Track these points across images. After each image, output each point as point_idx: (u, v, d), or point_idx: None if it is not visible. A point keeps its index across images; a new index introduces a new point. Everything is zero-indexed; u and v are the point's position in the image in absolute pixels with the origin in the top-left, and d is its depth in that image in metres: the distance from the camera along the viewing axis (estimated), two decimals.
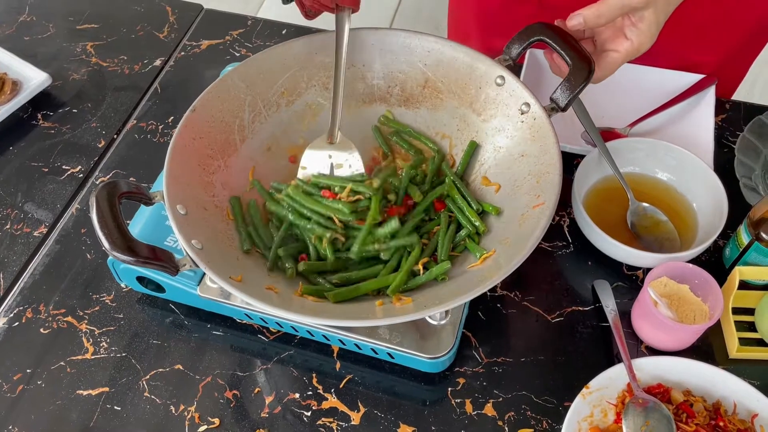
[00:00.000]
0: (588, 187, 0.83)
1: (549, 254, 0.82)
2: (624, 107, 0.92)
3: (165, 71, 1.04)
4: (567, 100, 0.68)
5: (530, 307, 0.78)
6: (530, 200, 0.66)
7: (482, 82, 0.75)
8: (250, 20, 1.09)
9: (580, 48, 0.68)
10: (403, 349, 0.68)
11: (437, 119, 0.79)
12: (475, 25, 1.04)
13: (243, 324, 0.78)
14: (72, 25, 1.11)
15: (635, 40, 0.66)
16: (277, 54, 0.77)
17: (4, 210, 0.89)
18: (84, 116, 0.99)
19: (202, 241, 0.63)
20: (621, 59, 0.68)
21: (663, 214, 0.80)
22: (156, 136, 0.96)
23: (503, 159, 0.73)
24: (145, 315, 0.79)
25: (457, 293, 0.59)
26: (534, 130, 0.70)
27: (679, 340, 0.73)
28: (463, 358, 0.74)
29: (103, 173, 0.92)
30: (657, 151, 0.83)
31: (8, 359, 0.76)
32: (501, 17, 0.88)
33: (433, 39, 0.77)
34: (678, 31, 0.71)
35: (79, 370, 0.75)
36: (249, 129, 0.76)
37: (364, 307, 0.65)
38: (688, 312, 0.73)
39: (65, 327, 0.78)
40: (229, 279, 0.60)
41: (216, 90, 0.73)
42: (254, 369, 0.75)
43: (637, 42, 0.66)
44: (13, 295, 0.81)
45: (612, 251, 0.77)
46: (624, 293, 0.79)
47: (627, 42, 0.67)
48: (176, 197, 0.64)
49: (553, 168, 0.65)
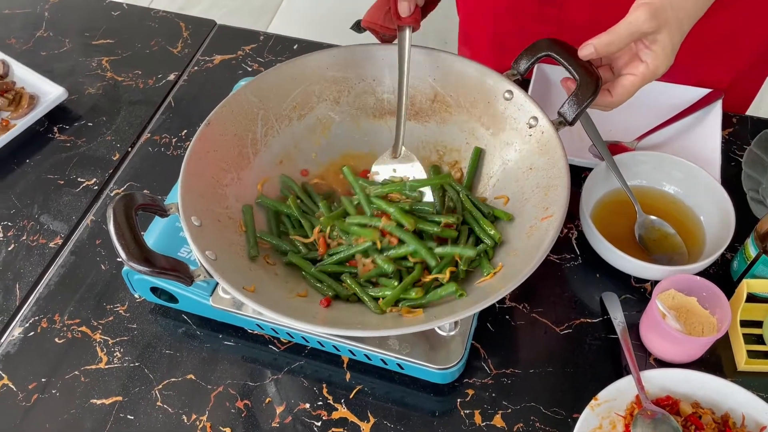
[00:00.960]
0: (596, 200, 0.84)
1: (557, 266, 0.82)
2: (631, 121, 0.92)
3: (179, 85, 1.06)
4: (574, 114, 0.69)
5: (539, 318, 0.79)
6: (538, 213, 0.67)
7: (491, 96, 0.76)
8: (262, 36, 1.11)
9: (588, 63, 0.69)
10: (413, 360, 0.69)
11: (446, 133, 0.80)
12: (489, 46, 1.05)
13: (254, 334, 0.79)
14: (87, 41, 1.13)
15: (651, 62, 0.66)
16: (289, 69, 0.78)
17: (21, 221, 0.90)
18: (99, 130, 1.01)
19: (216, 252, 0.64)
20: (638, 82, 0.67)
21: (670, 227, 0.81)
22: (170, 149, 0.98)
23: (512, 172, 0.74)
24: (158, 325, 0.80)
25: (467, 305, 0.60)
26: (542, 143, 0.71)
27: (687, 352, 0.73)
28: (472, 369, 0.75)
29: (118, 186, 0.94)
30: (664, 164, 0.83)
31: (23, 368, 0.77)
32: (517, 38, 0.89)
33: (443, 54, 0.78)
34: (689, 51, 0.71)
35: (92, 380, 0.76)
36: (262, 142, 0.78)
37: (375, 317, 0.65)
38: (696, 324, 0.73)
39: (80, 337, 0.80)
40: (242, 289, 0.61)
41: (229, 104, 0.75)
42: (265, 379, 0.76)
43: (653, 65, 0.66)
44: (28, 305, 0.82)
45: (620, 264, 0.78)
46: (632, 305, 0.79)
47: (643, 65, 0.67)
48: (191, 209, 0.66)
49: (561, 181, 0.66)
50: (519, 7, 0.96)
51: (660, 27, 0.64)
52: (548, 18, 0.94)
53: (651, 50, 0.66)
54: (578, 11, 0.91)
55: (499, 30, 1.01)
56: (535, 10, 0.94)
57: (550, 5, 0.92)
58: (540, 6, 0.93)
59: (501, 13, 0.98)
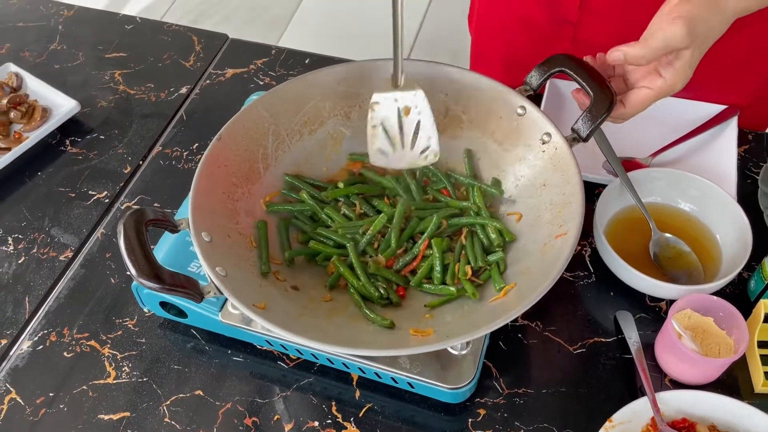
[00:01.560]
0: (609, 217, 0.83)
1: (570, 284, 0.81)
2: (645, 137, 0.92)
3: (190, 99, 1.06)
4: (588, 131, 0.68)
5: (552, 337, 0.77)
6: (552, 230, 0.66)
7: (503, 112, 0.76)
8: (274, 50, 1.12)
9: (602, 79, 0.69)
10: (424, 379, 0.68)
11: (458, 148, 0.80)
12: (502, 64, 1.04)
13: (263, 350, 0.78)
14: (101, 54, 1.13)
15: (669, 78, 0.65)
16: (300, 84, 0.78)
17: (32, 234, 0.90)
18: (111, 143, 1.01)
19: (227, 268, 0.64)
20: (653, 96, 0.66)
21: (686, 245, 0.80)
22: (181, 162, 0.98)
23: (525, 188, 0.74)
24: (167, 340, 0.80)
25: (480, 324, 0.59)
26: (555, 159, 0.70)
27: (703, 373, 0.72)
28: (484, 388, 0.74)
29: (129, 199, 0.94)
30: (679, 181, 0.82)
31: (32, 382, 0.77)
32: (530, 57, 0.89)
33: (454, 69, 0.78)
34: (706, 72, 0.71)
35: (100, 395, 0.76)
36: (272, 157, 0.77)
37: (386, 336, 0.65)
38: (713, 345, 0.72)
39: (88, 351, 0.79)
40: (253, 306, 0.61)
41: (241, 119, 0.74)
42: (274, 396, 0.75)
43: (671, 81, 0.65)
44: (38, 319, 0.82)
45: (635, 282, 0.77)
46: (647, 325, 0.78)
47: (660, 80, 0.66)
48: (201, 224, 0.65)
49: (576, 198, 0.65)
50: (532, 26, 0.95)
51: (690, 44, 0.62)
52: (563, 36, 0.93)
53: (672, 66, 0.65)
54: (595, 30, 0.90)
55: (512, 48, 1.00)
56: (548, 28, 0.94)
57: (565, 24, 0.92)
58: (555, 24, 0.93)
59: (513, 31, 0.98)
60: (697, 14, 0.62)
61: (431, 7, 2.46)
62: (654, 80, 0.66)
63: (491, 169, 0.77)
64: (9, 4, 1.23)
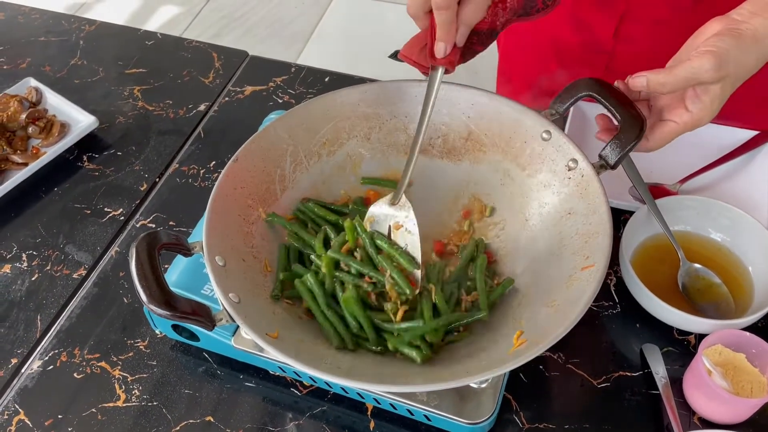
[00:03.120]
0: (636, 245, 0.80)
1: (595, 315, 0.78)
2: (674, 163, 0.89)
3: (209, 116, 1.05)
4: (617, 158, 0.66)
5: (575, 370, 0.74)
6: (579, 261, 0.64)
7: (528, 136, 0.73)
8: (294, 67, 1.11)
9: (632, 105, 0.66)
10: (441, 413, 0.65)
11: (480, 173, 0.78)
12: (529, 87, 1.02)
13: (276, 376, 0.76)
14: (121, 69, 1.13)
15: (696, 113, 0.62)
16: (320, 105, 0.76)
17: (46, 251, 0.90)
18: (128, 159, 1.00)
19: (240, 294, 0.62)
20: (679, 131, 0.64)
21: (716, 276, 0.77)
22: (197, 180, 0.97)
23: (549, 216, 0.71)
24: (178, 363, 0.78)
25: (502, 361, 0.56)
26: (582, 187, 0.68)
27: (735, 413, 0.69)
28: (504, 422, 0.71)
29: (144, 216, 0.93)
30: (710, 209, 0.79)
31: (41, 404, 0.75)
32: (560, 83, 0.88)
33: (477, 91, 0.76)
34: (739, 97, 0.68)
35: (109, 418, 0.74)
36: (290, 179, 0.76)
37: (403, 370, 0.62)
38: (745, 383, 0.68)
39: (98, 372, 0.78)
40: (266, 336, 0.59)
41: (259, 140, 0.73)
42: (286, 424, 0.73)
43: (698, 116, 0.62)
44: (49, 338, 0.81)
45: (662, 314, 0.74)
46: (675, 359, 0.75)
47: (687, 114, 0.63)
48: (215, 248, 0.64)
49: (603, 228, 0.63)
50: (564, 50, 0.93)
51: (719, 80, 0.60)
52: (595, 64, 0.91)
53: (700, 100, 0.62)
54: (629, 61, 0.88)
55: (542, 71, 0.98)
56: (581, 54, 0.91)
57: (599, 52, 0.89)
58: (588, 52, 0.90)
59: (544, 54, 0.96)
60: (730, 51, 0.59)
61: None
62: (680, 114, 0.63)
63: (514, 195, 0.75)
64: (31, 18, 1.23)
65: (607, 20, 0.87)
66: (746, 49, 0.59)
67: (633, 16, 0.85)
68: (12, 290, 0.86)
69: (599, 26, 0.88)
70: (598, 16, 0.88)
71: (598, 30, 0.88)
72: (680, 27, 0.75)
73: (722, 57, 0.58)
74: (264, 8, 2.69)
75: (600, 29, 0.87)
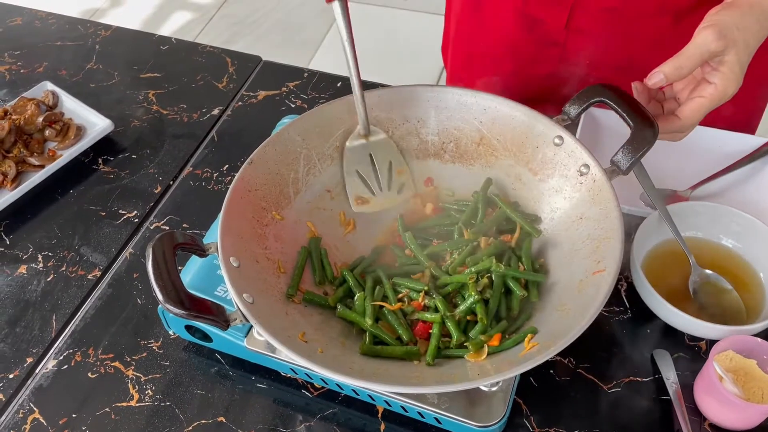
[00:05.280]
0: (647, 251, 0.80)
1: (605, 320, 0.79)
2: (685, 169, 0.89)
3: (222, 120, 1.06)
4: (629, 163, 0.66)
5: (585, 375, 0.75)
6: (590, 266, 0.64)
7: (539, 141, 0.74)
8: (306, 73, 1.12)
9: (643, 110, 0.67)
10: (451, 416, 0.66)
11: (491, 177, 0.78)
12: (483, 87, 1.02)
13: (287, 378, 0.77)
14: (136, 74, 1.15)
15: (719, 83, 0.64)
16: (333, 109, 0.77)
17: (61, 252, 0.91)
18: (143, 162, 1.01)
19: (254, 294, 0.63)
20: (707, 104, 0.65)
21: (727, 282, 0.77)
22: (210, 183, 0.98)
23: (561, 220, 0.72)
24: (191, 363, 0.79)
25: (512, 363, 0.57)
26: (594, 192, 0.68)
27: (746, 419, 0.68)
28: (514, 426, 0.71)
29: (158, 219, 0.94)
30: (721, 216, 0.79)
31: (55, 403, 0.76)
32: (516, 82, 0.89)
33: (490, 97, 0.76)
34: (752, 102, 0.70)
35: (123, 418, 0.75)
36: (303, 182, 0.76)
37: (415, 371, 0.63)
38: (756, 389, 0.68)
39: (112, 372, 0.78)
40: (279, 335, 0.59)
41: (273, 143, 0.74)
42: (297, 425, 0.73)
43: (722, 85, 0.64)
44: (64, 338, 0.82)
45: (673, 320, 0.74)
46: (686, 365, 0.75)
47: (711, 86, 0.65)
48: (230, 249, 0.64)
49: (614, 233, 0.63)
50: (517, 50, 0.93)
51: (728, 47, 0.62)
52: (549, 58, 0.92)
53: (719, 71, 0.64)
54: (581, 50, 0.89)
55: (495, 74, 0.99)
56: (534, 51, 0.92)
57: (552, 45, 0.91)
58: (541, 46, 0.91)
59: (497, 58, 0.97)
60: (727, 19, 0.63)
61: None
62: (705, 88, 0.66)
63: (526, 200, 0.76)
64: (48, 23, 1.25)
65: (557, 13, 0.88)
66: (744, 14, 0.64)
67: (583, 5, 0.86)
68: (28, 290, 0.87)
69: (550, 19, 0.89)
70: (549, 9, 0.88)
71: (549, 23, 0.89)
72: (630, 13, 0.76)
73: (720, 25, 0.62)
74: (275, 15, 2.71)
75: (551, 22, 0.89)
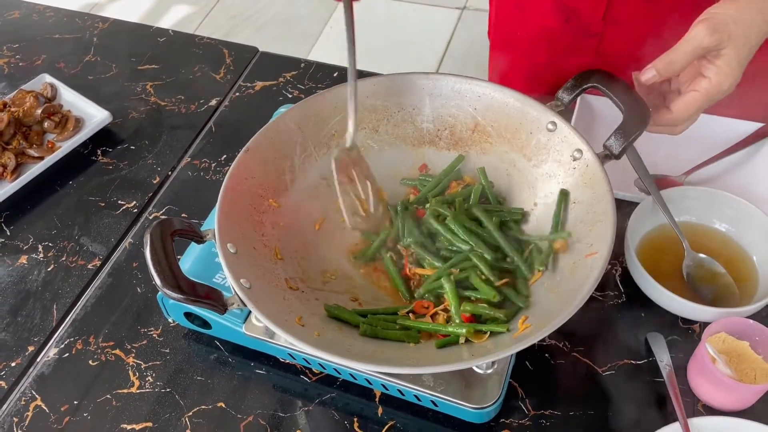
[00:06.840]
0: (641, 236, 0.81)
1: (600, 304, 0.79)
2: (679, 154, 0.89)
3: (220, 111, 1.07)
4: (621, 148, 0.67)
5: (580, 358, 0.75)
6: (582, 249, 0.65)
7: (533, 127, 0.74)
8: (303, 63, 1.12)
9: (635, 94, 0.67)
10: (448, 398, 0.67)
11: (486, 163, 0.79)
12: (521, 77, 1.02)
13: (286, 364, 0.78)
14: (134, 66, 1.15)
15: (714, 77, 0.63)
16: (329, 97, 0.78)
17: (61, 242, 0.92)
18: (141, 153, 1.02)
19: (251, 280, 0.64)
20: (700, 98, 0.64)
21: (721, 266, 0.77)
22: (209, 173, 0.98)
23: (554, 205, 0.72)
24: (191, 351, 0.80)
25: (505, 344, 0.57)
26: (587, 177, 0.69)
27: (738, 400, 0.69)
28: (509, 409, 0.72)
29: (157, 209, 0.95)
30: (714, 200, 0.80)
31: (57, 390, 0.77)
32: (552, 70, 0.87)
33: (484, 84, 0.77)
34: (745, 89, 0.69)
35: (124, 404, 0.76)
36: (299, 169, 0.77)
37: (411, 353, 0.64)
38: (749, 370, 0.69)
39: (113, 360, 0.79)
40: (274, 319, 0.60)
41: (269, 131, 0.75)
42: (295, 410, 0.74)
43: (716, 80, 0.63)
44: (65, 326, 0.83)
45: (667, 303, 0.75)
46: (679, 347, 0.75)
47: (705, 80, 0.64)
48: (227, 236, 0.65)
49: (607, 217, 0.64)
50: (554, 38, 0.93)
51: (723, 41, 0.61)
52: (586, 49, 0.92)
53: (714, 65, 0.63)
54: (619, 42, 0.89)
55: (533, 60, 0.99)
56: (571, 40, 0.92)
57: (589, 36, 0.90)
58: (578, 37, 0.91)
59: (534, 43, 0.97)
60: (723, 14, 0.62)
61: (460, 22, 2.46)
62: (699, 82, 0.64)
63: (520, 185, 0.76)
64: (46, 16, 1.26)
65: (595, 3, 0.87)
66: (744, 7, 0.62)
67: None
68: (29, 280, 0.88)
69: (587, 10, 0.88)
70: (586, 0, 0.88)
71: (586, 14, 0.88)
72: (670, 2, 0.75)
73: (714, 20, 0.61)
74: (274, 8, 2.71)
75: (588, 13, 0.88)
